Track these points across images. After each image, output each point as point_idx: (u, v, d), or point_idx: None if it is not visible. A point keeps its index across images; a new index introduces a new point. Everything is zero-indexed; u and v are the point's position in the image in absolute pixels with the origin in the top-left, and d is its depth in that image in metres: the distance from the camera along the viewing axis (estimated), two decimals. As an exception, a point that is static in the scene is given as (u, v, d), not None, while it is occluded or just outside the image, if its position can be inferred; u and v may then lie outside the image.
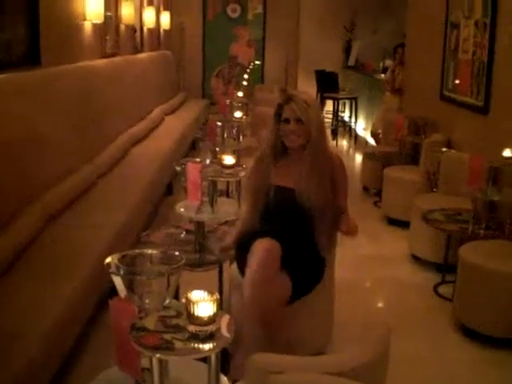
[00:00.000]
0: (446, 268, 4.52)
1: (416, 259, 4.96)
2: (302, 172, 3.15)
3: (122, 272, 2.11)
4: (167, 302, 2.11)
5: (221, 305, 2.78)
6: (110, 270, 2.13)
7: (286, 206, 3.18)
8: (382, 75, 9.11)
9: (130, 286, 2.09)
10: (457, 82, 6.07)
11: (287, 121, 3.16)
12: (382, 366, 2.01)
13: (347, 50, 12.21)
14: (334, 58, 12.14)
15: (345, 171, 3.35)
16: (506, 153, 4.42)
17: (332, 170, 3.23)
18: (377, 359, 1.94)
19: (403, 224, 5.49)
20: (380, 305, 4.48)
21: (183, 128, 8.08)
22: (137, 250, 2.32)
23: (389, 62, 9.23)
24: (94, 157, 5.10)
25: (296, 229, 3.14)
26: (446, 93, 6.40)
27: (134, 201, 4.57)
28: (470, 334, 3.74)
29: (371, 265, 4.96)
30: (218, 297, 1.89)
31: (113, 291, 2.18)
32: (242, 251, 3.14)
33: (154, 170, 5.56)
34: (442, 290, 4.42)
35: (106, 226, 3.89)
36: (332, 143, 10.52)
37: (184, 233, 4.09)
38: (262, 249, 2.94)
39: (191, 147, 8.68)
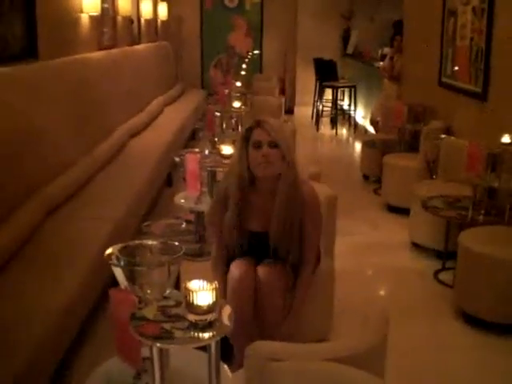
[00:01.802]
0: (446, 255, 4.52)
1: (416, 246, 4.96)
2: (274, 211, 2.83)
3: (122, 263, 2.12)
4: (168, 291, 2.12)
5: (224, 294, 2.81)
6: (111, 262, 2.14)
7: (258, 249, 2.93)
8: (381, 63, 9.09)
9: (130, 277, 2.09)
10: (455, 68, 6.06)
11: (258, 146, 2.79)
12: (380, 353, 2.02)
13: (345, 39, 12.16)
14: (332, 47, 12.11)
15: (318, 214, 2.94)
16: (505, 139, 4.42)
17: (302, 207, 2.87)
18: (375, 346, 1.95)
19: (403, 211, 5.49)
20: (381, 292, 4.49)
21: (182, 119, 8.08)
22: (137, 241, 2.32)
23: (387, 50, 9.20)
24: (92, 149, 5.10)
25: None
26: (444, 79, 6.40)
27: (133, 192, 4.57)
28: (470, 320, 3.75)
29: (371, 252, 4.97)
30: (217, 286, 1.89)
31: (114, 282, 2.19)
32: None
33: (153, 162, 5.56)
34: (443, 276, 4.43)
35: (105, 217, 3.90)
36: (332, 131, 10.53)
37: (184, 223, 4.10)
38: (236, 281, 2.84)
39: (191, 138, 8.68)
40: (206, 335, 1.85)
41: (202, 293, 1.86)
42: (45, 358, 2.60)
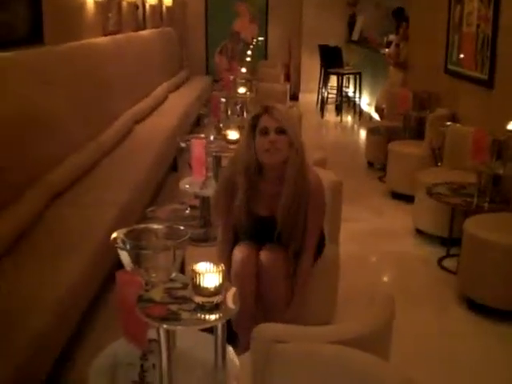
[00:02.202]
0: (450, 241, 4.53)
1: (420, 233, 4.97)
2: (282, 196, 2.82)
3: (128, 246, 2.12)
4: (173, 275, 2.13)
5: (230, 277, 2.83)
6: (117, 245, 2.14)
7: (263, 233, 2.94)
8: (386, 50, 9.07)
9: (136, 261, 2.10)
10: (461, 55, 6.04)
11: (265, 132, 2.78)
12: (386, 336, 2.03)
13: (351, 25, 12.11)
14: (337, 33, 12.06)
15: (321, 202, 2.93)
16: (511, 126, 4.41)
17: (308, 195, 2.85)
18: (381, 329, 1.97)
19: (408, 198, 5.50)
20: (385, 279, 4.50)
21: (187, 105, 8.08)
22: (142, 225, 2.33)
23: (392, 37, 9.17)
24: (98, 134, 5.11)
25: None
26: (450, 66, 6.38)
27: (138, 177, 4.58)
28: (474, 306, 3.77)
29: (376, 239, 4.98)
30: (224, 268, 1.91)
31: (119, 267, 2.20)
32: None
33: (158, 147, 5.57)
34: (447, 263, 4.44)
35: (111, 203, 3.91)
36: (337, 118, 10.51)
37: (189, 208, 4.12)
38: (239, 265, 2.86)
39: (196, 124, 8.68)
40: (213, 317, 1.86)
41: (209, 275, 1.88)
42: (50, 340, 2.63)
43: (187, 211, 4.15)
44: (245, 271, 2.85)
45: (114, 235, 2.20)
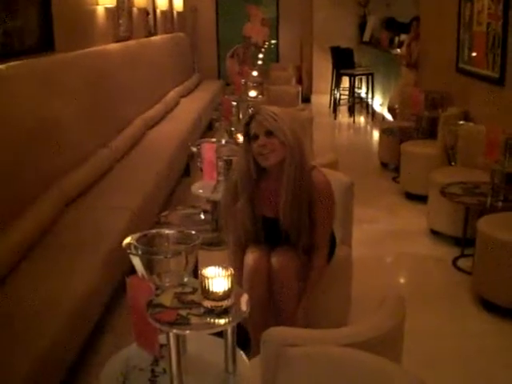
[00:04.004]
0: (464, 241, 4.50)
1: (435, 233, 4.95)
2: (281, 195, 2.84)
3: (140, 252, 2.13)
4: (185, 280, 2.14)
5: (241, 283, 2.83)
6: (129, 251, 2.15)
7: (272, 235, 2.95)
8: (398, 50, 9.03)
9: (148, 266, 2.11)
10: (472, 54, 6.01)
11: (256, 137, 2.82)
12: (397, 338, 2.02)
13: (362, 26, 12.08)
14: (348, 34, 12.04)
15: (329, 199, 2.92)
16: (524, 124, 4.38)
17: (312, 193, 2.86)
18: (391, 331, 1.95)
19: (422, 199, 5.48)
20: (399, 279, 4.48)
21: (199, 109, 8.10)
22: (154, 231, 2.34)
23: (404, 36, 9.14)
24: (110, 140, 5.14)
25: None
26: (461, 65, 6.35)
27: (151, 182, 4.61)
28: (489, 306, 3.74)
29: (390, 240, 4.96)
30: (233, 272, 1.91)
31: (132, 272, 2.21)
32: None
33: (170, 152, 5.59)
34: (461, 263, 4.41)
35: (123, 208, 3.94)
36: (350, 119, 10.49)
37: (202, 213, 4.11)
38: (250, 269, 2.87)
39: (208, 128, 8.69)
40: (222, 321, 1.87)
41: (218, 279, 1.88)
42: (66, 345, 2.64)
43: (201, 216, 4.13)
44: (256, 275, 2.86)
45: (127, 241, 2.21)
